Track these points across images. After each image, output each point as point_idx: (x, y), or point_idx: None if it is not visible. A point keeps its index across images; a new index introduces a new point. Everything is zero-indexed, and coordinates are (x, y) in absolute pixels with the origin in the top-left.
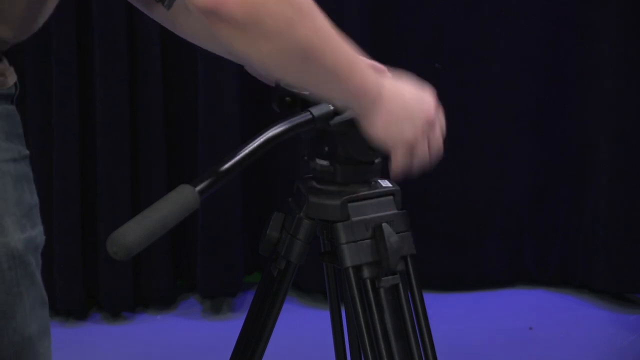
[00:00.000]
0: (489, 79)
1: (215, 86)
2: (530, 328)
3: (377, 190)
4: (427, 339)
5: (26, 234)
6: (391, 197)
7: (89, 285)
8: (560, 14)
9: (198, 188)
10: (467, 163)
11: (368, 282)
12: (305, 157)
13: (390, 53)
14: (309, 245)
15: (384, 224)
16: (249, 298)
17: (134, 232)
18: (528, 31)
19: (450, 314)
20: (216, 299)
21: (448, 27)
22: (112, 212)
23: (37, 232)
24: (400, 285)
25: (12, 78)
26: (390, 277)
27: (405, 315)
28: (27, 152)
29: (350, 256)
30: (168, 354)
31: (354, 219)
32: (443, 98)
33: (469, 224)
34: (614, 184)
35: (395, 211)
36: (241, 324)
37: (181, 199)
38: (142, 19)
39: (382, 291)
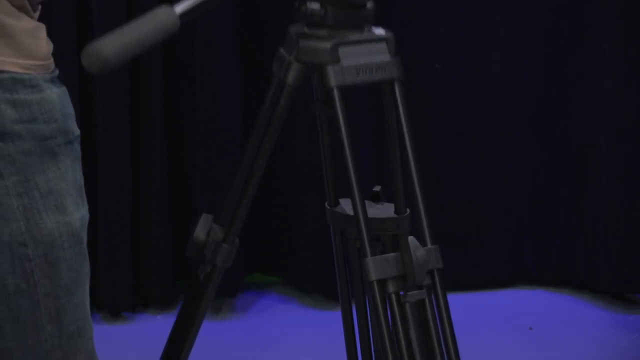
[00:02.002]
0: (488, 79)
1: (215, 86)
2: (530, 328)
3: (369, 36)
4: (453, 356)
5: (81, 212)
6: (384, 43)
7: (90, 285)
8: (560, 14)
9: (178, 10)
10: (467, 163)
11: (393, 296)
12: (297, 3)
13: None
14: (235, 248)
15: (409, 237)
16: (249, 298)
17: (110, 46)
18: (528, 31)
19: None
20: (216, 299)
21: (448, 26)
22: (112, 212)
23: (86, 209)
24: (427, 300)
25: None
26: (416, 291)
27: (432, 331)
28: (79, 131)
29: (375, 270)
30: None
31: (345, 63)
32: (443, 98)
33: (469, 224)
34: (614, 184)
35: (388, 58)
36: (241, 325)
37: (160, 20)
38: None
39: (407, 306)
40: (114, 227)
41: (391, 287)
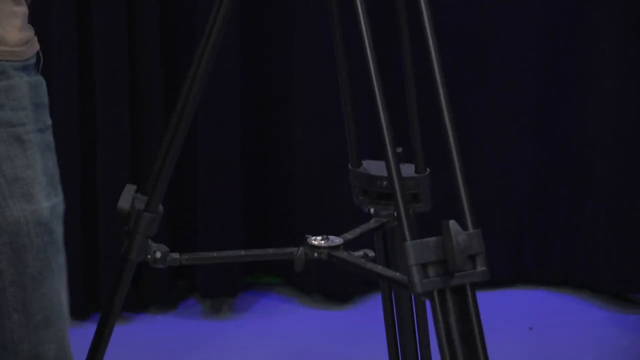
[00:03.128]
0: (488, 79)
1: (215, 86)
2: (530, 328)
3: None
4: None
5: (51, 201)
6: None
7: (89, 285)
8: (560, 14)
9: None
10: (467, 163)
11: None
12: None
13: (390, 51)
14: (159, 216)
15: (451, 221)
16: (249, 298)
17: None
18: (528, 31)
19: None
20: (216, 299)
21: (447, 26)
22: (112, 211)
23: (59, 200)
24: (468, 286)
25: (34, 47)
26: (457, 274)
27: (472, 319)
28: (51, 121)
29: (414, 254)
30: (168, 354)
31: None
32: None
33: None
34: (614, 184)
35: None
36: (241, 324)
37: None
38: (143, 16)
39: (447, 292)
40: (113, 226)
41: (431, 272)
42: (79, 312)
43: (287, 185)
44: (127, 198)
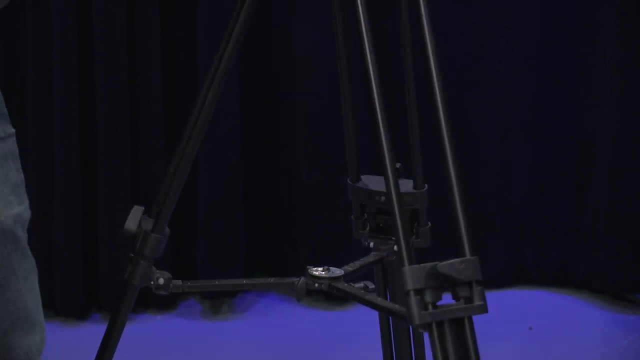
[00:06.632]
0: (488, 79)
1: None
2: (530, 328)
3: None
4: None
5: (14, 210)
6: None
7: (89, 285)
8: (560, 14)
9: None
10: (467, 163)
11: (430, 306)
12: None
13: (390, 53)
14: (165, 237)
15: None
16: (249, 298)
17: None
18: (527, 31)
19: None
20: (216, 299)
21: (447, 26)
22: (112, 212)
23: (24, 208)
24: (466, 319)
25: None
26: (455, 304)
27: (470, 351)
28: (13, 130)
29: (412, 279)
30: (168, 354)
31: None
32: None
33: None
34: (614, 184)
35: None
36: (241, 324)
37: None
38: (142, 15)
39: (445, 324)
40: (114, 226)
41: (428, 297)
42: (79, 312)
43: (289, 189)
44: (135, 219)
